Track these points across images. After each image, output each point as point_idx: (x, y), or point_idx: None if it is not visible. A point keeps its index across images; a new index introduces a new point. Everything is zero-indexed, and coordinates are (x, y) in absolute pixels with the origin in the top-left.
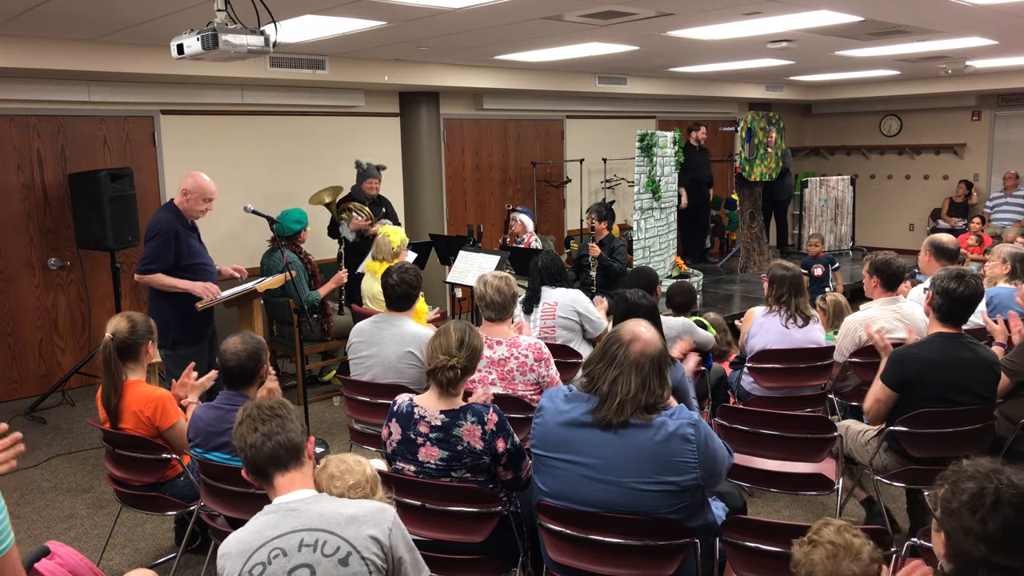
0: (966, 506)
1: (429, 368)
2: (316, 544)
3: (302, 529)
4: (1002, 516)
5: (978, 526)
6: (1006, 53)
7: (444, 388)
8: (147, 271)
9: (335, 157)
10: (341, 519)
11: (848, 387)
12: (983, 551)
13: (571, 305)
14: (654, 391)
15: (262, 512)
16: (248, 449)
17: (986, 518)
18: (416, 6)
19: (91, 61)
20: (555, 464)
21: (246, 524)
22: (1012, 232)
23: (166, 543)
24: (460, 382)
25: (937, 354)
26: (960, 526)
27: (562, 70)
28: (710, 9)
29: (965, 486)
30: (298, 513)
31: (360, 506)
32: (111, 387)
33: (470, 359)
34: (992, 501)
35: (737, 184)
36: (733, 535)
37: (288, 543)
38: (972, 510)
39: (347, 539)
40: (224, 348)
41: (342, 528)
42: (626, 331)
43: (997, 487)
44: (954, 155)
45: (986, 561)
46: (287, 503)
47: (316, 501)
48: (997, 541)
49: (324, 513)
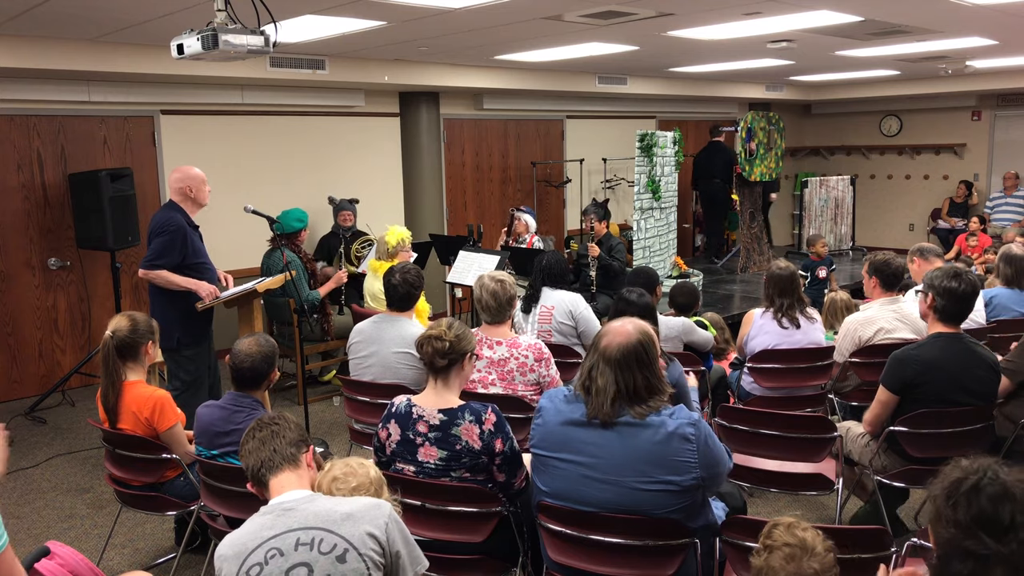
0: (944, 492)
1: (419, 350)
2: (313, 542)
3: (298, 528)
4: (976, 503)
5: (950, 512)
6: (1006, 53)
7: (437, 374)
8: (152, 267)
9: (335, 157)
10: (337, 516)
11: (848, 387)
12: (952, 535)
13: (569, 309)
14: (637, 384)
15: (258, 514)
16: (247, 456)
17: (959, 504)
18: (416, 6)
19: (91, 61)
20: (555, 464)
21: (241, 526)
22: (1012, 232)
23: (166, 543)
24: (452, 369)
25: (938, 354)
26: (938, 512)
27: (562, 70)
28: (710, 9)
29: (951, 475)
30: (294, 513)
31: (356, 503)
32: (110, 386)
33: (460, 341)
34: (968, 488)
35: (737, 184)
36: (733, 535)
37: (285, 543)
38: (948, 496)
39: (344, 536)
40: (238, 349)
41: (338, 525)
42: (605, 328)
43: (980, 477)
44: (954, 155)
45: (957, 546)
46: (282, 503)
47: (311, 500)
48: (966, 527)
49: (320, 512)
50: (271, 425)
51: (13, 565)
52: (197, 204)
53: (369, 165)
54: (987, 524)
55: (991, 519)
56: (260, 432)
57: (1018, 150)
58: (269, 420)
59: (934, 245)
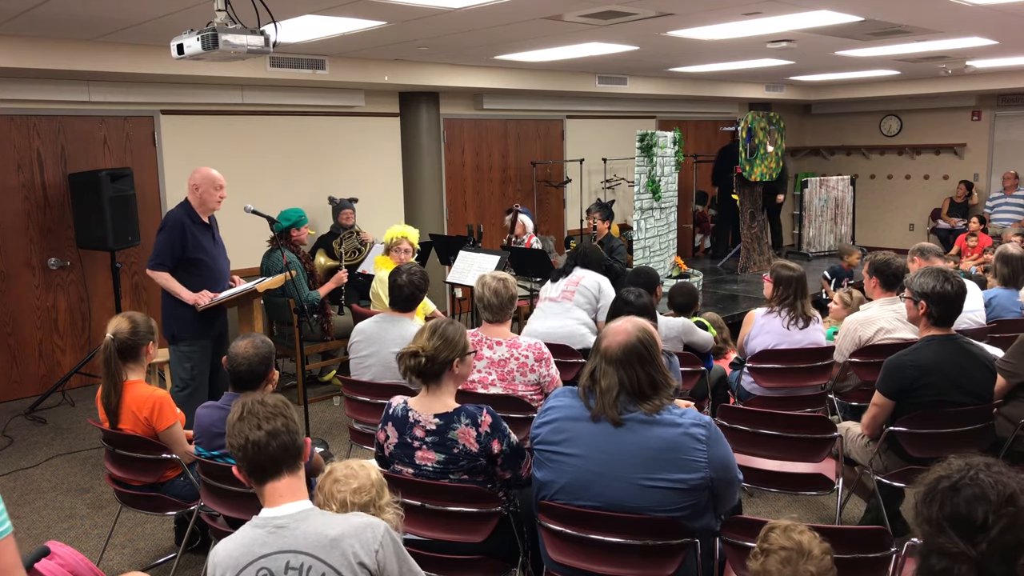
0: (923, 490)
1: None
2: (302, 568)
3: (288, 551)
4: (951, 504)
5: (926, 510)
6: (1006, 53)
7: (427, 382)
8: (154, 267)
9: (335, 157)
10: (325, 542)
11: (848, 387)
12: (927, 531)
13: (598, 282)
14: (641, 381)
15: (250, 524)
16: (249, 447)
17: (934, 502)
18: (416, 6)
19: (91, 61)
20: (563, 460)
21: (236, 534)
22: (1011, 232)
23: (166, 543)
24: (442, 376)
25: (934, 357)
26: (916, 509)
27: (562, 70)
28: (710, 9)
29: (933, 474)
30: (285, 532)
31: (346, 524)
32: (111, 387)
33: (441, 350)
34: (946, 487)
35: (737, 184)
36: (733, 535)
37: (275, 564)
38: (926, 494)
39: (333, 566)
40: (234, 351)
41: (326, 553)
42: (604, 331)
43: (959, 478)
44: (954, 155)
45: (933, 542)
46: (275, 518)
47: (303, 519)
48: (937, 524)
49: (309, 534)
50: (280, 417)
51: (15, 557)
52: (204, 205)
53: (369, 165)
54: (959, 524)
55: (963, 519)
56: (268, 423)
57: (1018, 150)
58: (275, 411)
59: (934, 245)
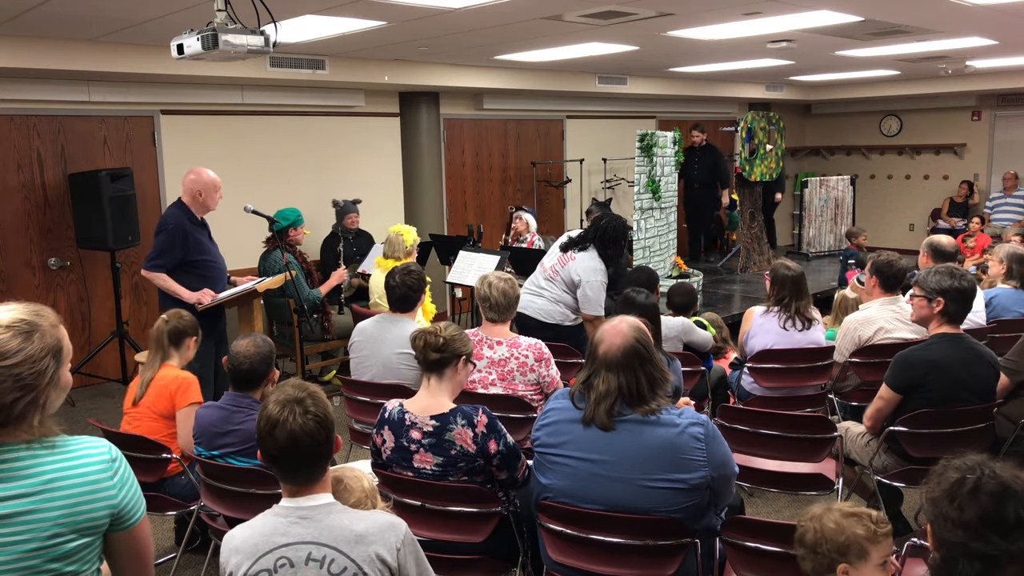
0: (946, 494)
1: (413, 344)
2: (324, 560)
3: (311, 542)
4: (979, 504)
5: (955, 513)
6: (1006, 53)
7: (431, 370)
8: (152, 267)
9: (335, 157)
10: (351, 537)
11: (848, 387)
12: (960, 537)
13: (585, 268)
14: (640, 382)
15: (271, 512)
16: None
17: (963, 505)
18: (416, 6)
19: (91, 61)
20: (564, 462)
21: (255, 520)
22: (1011, 232)
23: (166, 543)
24: (446, 369)
25: (944, 354)
26: (940, 514)
27: (562, 70)
28: (710, 9)
29: (948, 476)
30: (309, 523)
31: (371, 521)
32: (155, 360)
33: (454, 341)
34: (970, 488)
35: (737, 184)
36: (733, 535)
37: (296, 554)
38: (951, 498)
39: (355, 560)
40: (235, 350)
41: (351, 547)
42: (599, 335)
43: (978, 476)
44: (954, 155)
45: (964, 548)
46: (299, 508)
47: (327, 512)
48: (973, 528)
49: (334, 527)
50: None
51: (148, 534)
52: (205, 208)
53: (369, 165)
54: (993, 523)
55: (996, 518)
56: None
57: (1018, 150)
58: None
59: (951, 243)
